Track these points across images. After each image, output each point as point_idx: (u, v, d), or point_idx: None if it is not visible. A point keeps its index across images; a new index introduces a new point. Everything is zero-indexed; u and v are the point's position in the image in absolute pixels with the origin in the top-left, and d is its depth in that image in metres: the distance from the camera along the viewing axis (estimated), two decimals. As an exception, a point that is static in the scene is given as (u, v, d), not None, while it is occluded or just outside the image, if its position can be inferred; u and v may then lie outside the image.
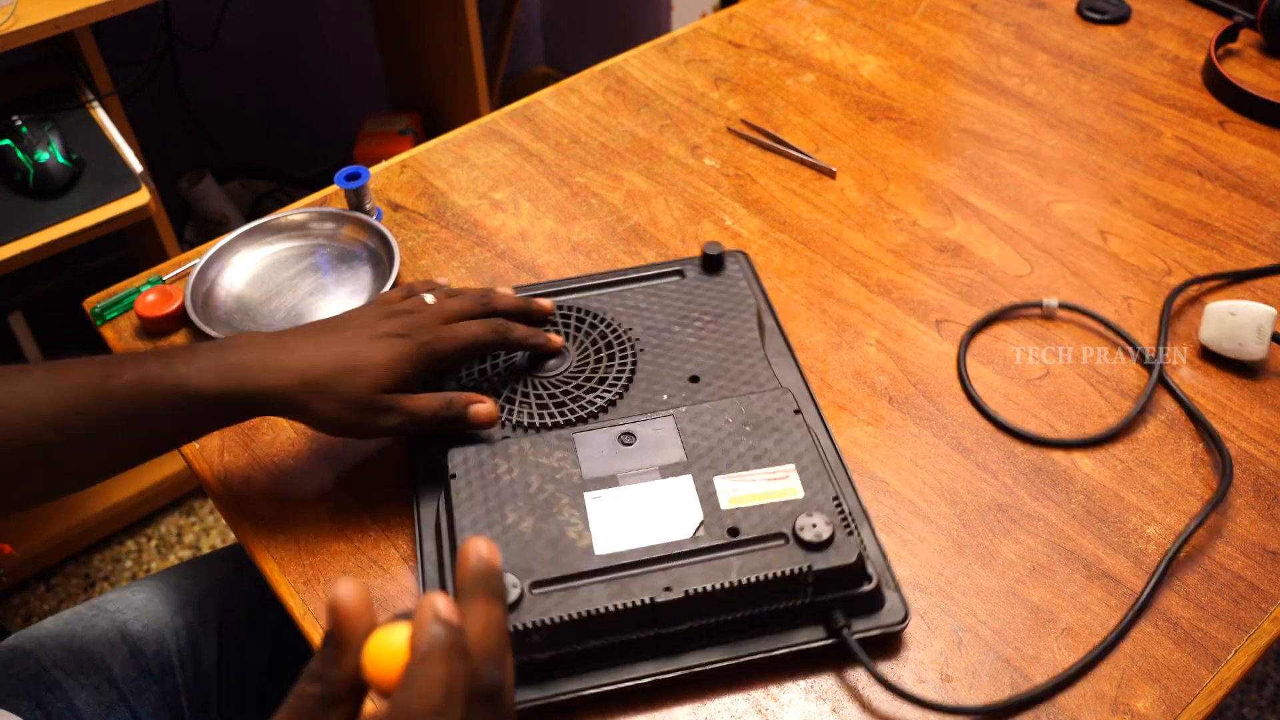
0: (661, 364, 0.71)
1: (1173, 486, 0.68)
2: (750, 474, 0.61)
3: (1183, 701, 0.58)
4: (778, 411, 0.65)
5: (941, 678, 0.59)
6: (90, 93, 1.34)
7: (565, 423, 0.67)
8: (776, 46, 1.09)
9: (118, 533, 1.66)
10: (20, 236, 1.19)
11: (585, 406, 0.68)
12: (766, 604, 0.57)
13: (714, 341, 0.72)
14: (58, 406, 0.58)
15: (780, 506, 0.59)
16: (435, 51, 1.89)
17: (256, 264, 0.84)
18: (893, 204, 0.90)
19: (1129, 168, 0.93)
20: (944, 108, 1.01)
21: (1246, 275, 0.82)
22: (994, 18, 1.12)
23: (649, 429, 0.64)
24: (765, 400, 0.65)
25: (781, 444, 0.63)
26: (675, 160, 0.95)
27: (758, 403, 0.65)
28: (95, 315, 0.81)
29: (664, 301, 0.76)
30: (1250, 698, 1.46)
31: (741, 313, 0.74)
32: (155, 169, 1.54)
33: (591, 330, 0.73)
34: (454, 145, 0.97)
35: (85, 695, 0.71)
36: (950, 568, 0.64)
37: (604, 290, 0.77)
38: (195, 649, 0.77)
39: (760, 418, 0.64)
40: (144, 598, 0.78)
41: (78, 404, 0.59)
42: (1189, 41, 1.08)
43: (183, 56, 1.78)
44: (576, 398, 0.69)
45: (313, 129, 2.11)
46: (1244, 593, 0.62)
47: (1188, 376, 0.75)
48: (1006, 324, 0.79)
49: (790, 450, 0.62)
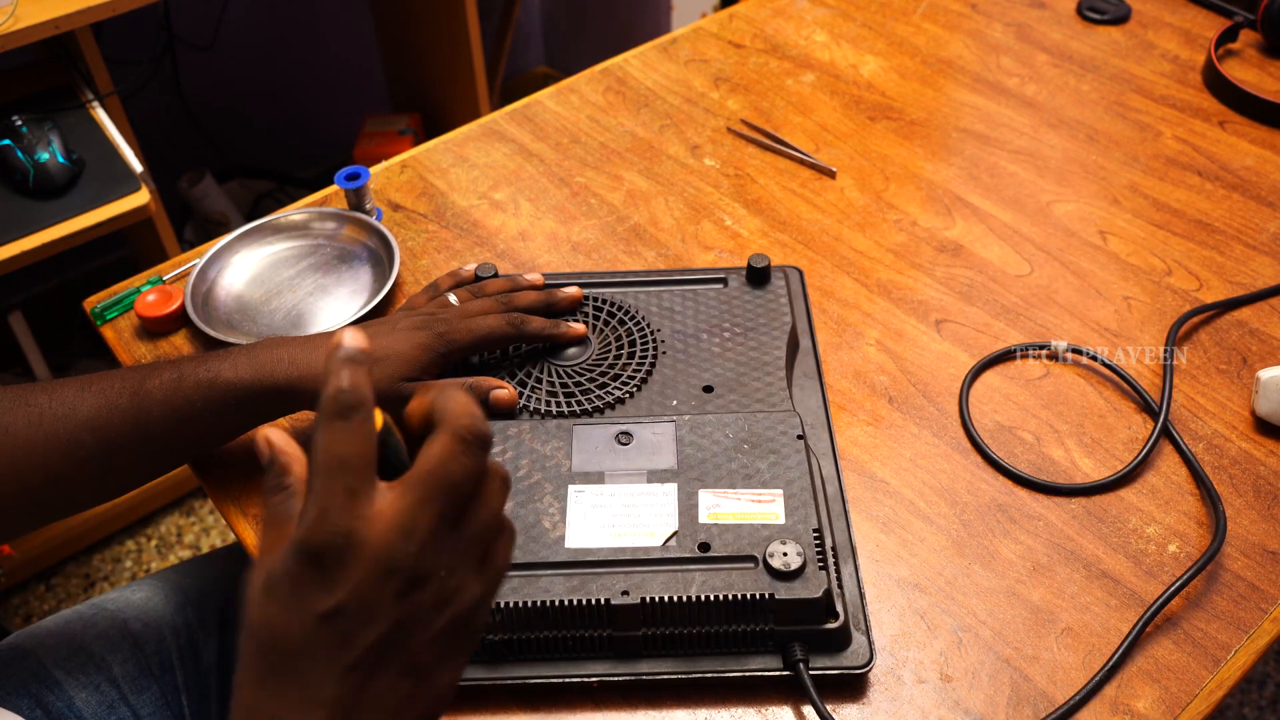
0: (680, 369, 0.71)
1: (1172, 487, 0.68)
2: (736, 492, 0.61)
3: (1183, 701, 0.58)
4: (781, 434, 0.64)
5: (941, 678, 0.59)
6: (90, 93, 1.34)
7: (569, 414, 0.67)
8: (776, 46, 1.09)
9: (118, 533, 1.66)
10: (20, 236, 1.19)
11: (593, 400, 0.68)
12: (725, 624, 0.57)
13: (738, 355, 0.72)
14: (95, 407, 0.61)
15: (758, 529, 0.59)
16: (435, 51, 1.88)
17: (256, 264, 0.84)
18: (893, 204, 0.90)
19: (1129, 168, 0.93)
20: (944, 108, 1.01)
21: (1240, 302, 0.80)
22: (994, 18, 1.12)
23: (648, 432, 0.64)
24: (771, 421, 0.65)
25: (776, 467, 0.62)
26: (675, 160, 0.95)
27: (764, 422, 0.64)
28: (95, 315, 0.81)
29: (699, 307, 0.75)
30: (1250, 698, 1.46)
31: (774, 329, 0.73)
32: (155, 169, 1.54)
33: (619, 325, 0.74)
34: (454, 145, 0.97)
35: (85, 694, 0.71)
36: (950, 568, 0.64)
37: (642, 288, 0.77)
38: (195, 647, 0.77)
39: (761, 438, 0.64)
40: (144, 596, 0.78)
41: (115, 403, 0.61)
42: (1189, 41, 1.08)
43: (183, 56, 1.78)
44: (587, 390, 0.69)
45: (313, 129, 2.11)
46: (1244, 593, 0.62)
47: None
48: (1006, 324, 0.79)
49: (783, 475, 0.61)
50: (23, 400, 0.60)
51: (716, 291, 0.76)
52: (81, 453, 0.60)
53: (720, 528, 0.59)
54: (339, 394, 0.37)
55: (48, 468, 0.60)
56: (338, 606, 0.36)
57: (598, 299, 0.75)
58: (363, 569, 0.36)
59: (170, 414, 0.62)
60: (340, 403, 0.37)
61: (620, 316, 0.74)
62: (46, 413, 0.60)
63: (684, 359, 0.71)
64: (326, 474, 0.36)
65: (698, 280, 0.77)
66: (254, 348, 0.65)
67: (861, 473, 0.69)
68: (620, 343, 0.72)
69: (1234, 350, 0.77)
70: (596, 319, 0.74)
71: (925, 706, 0.57)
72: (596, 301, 0.75)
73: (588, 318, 0.74)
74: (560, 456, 0.63)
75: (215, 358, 0.63)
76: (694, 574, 0.57)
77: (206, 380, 0.62)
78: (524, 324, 0.70)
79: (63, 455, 0.60)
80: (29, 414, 0.60)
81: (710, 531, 0.59)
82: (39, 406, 0.60)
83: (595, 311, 0.75)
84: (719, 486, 0.61)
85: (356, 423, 0.37)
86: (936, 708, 0.57)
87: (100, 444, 0.61)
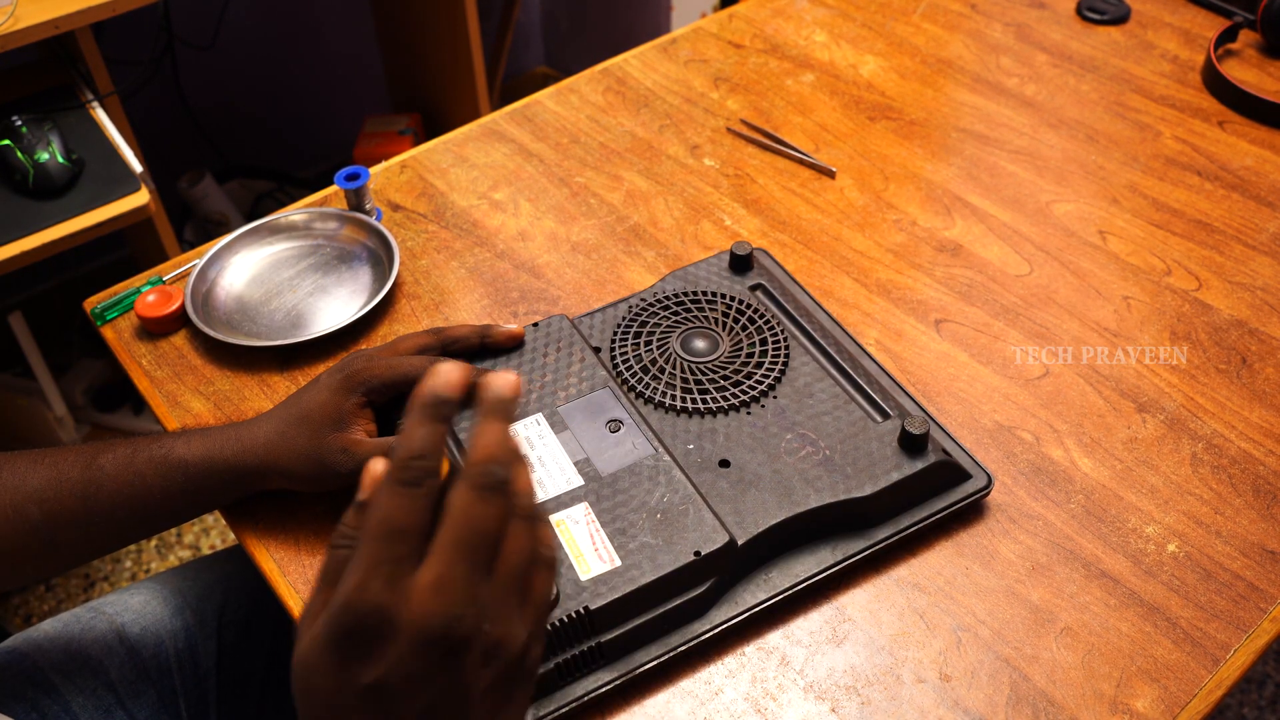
0: (757, 425, 0.66)
1: (1172, 486, 0.68)
2: (599, 533, 0.59)
3: (1182, 701, 0.58)
4: (699, 538, 0.59)
5: (941, 677, 0.59)
6: (90, 93, 1.34)
7: (633, 390, 0.68)
8: (776, 46, 1.09)
9: (118, 533, 1.66)
10: (20, 236, 1.19)
11: (662, 392, 0.68)
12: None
13: (813, 467, 0.64)
14: (45, 479, 0.60)
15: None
16: (435, 51, 1.88)
17: (256, 264, 0.84)
18: (892, 204, 0.90)
19: (1128, 168, 0.93)
20: (943, 108, 1.01)
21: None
22: (994, 18, 1.12)
23: (634, 438, 0.64)
24: (703, 522, 0.60)
25: (642, 550, 0.58)
26: (675, 160, 0.95)
27: (692, 517, 0.60)
28: (95, 315, 0.81)
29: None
30: (1250, 698, 1.46)
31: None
32: (155, 169, 1.54)
33: (765, 343, 0.71)
34: (454, 145, 0.97)
35: (82, 699, 0.71)
36: (950, 567, 0.64)
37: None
38: (193, 651, 0.77)
39: (675, 522, 0.60)
40: (142, 600, 0.78)
41: (65, 476, 0.61)
42: (1189, 42, 1.08)
43: (183, 56, 1.78)
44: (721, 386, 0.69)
45: (313, 129, 2.11)
46: (1243, 593, 0.63)
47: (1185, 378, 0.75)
48: (1006, 324, 0.79)
49: (630, 558, 0.58)
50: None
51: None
52: (26, 525, 0.60)
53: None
54: (411, 460, 0.36)
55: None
56: (379, 681, 0.36)
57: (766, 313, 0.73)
58: (402, 643, 0.36)
59: (120, 490, 0.61)
60: (411, 469, 0.36)
61: (776, 343, 0.72)
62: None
63: (772, 423, 0.67)
64: (376, 539, 0.36)
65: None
66: (211, 428, 0.65)
67: (861, 473, 0.69)
68: (756, 355, 0.71)
69: (1234, 350, 0.77)
70: (745, 322, 0.73)
71: (925, 706, 0.58)
72: (762, 314, 0.73)
73: (746, 321, 0.73)
74: (562, 389, 0.67)
75: (171, 435, 0.63)
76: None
77: (159, 456, 0.62)
78: (443, 331, 0.69)
79: (7, 526, 0.59)
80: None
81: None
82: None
83: (748, 315, 0.73)
84: (600, 519, 0.60)
85: (422, 493, 0.36)
86: (936, 707, 0.57)
87: (46, 517, 0.60)
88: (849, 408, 0.67)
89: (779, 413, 0.67)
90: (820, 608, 0.62)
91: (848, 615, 0.62)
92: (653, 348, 0.71)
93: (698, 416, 0.67)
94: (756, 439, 0.65)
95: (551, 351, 0.70)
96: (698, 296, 0.74)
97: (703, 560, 0.58)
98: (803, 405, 0.67)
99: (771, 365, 0.70)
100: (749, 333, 0.72)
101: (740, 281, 0.76)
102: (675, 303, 0.74)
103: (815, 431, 0.66)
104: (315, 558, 0.65)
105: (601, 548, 0.58)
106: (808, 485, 0.62)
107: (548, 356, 0.70)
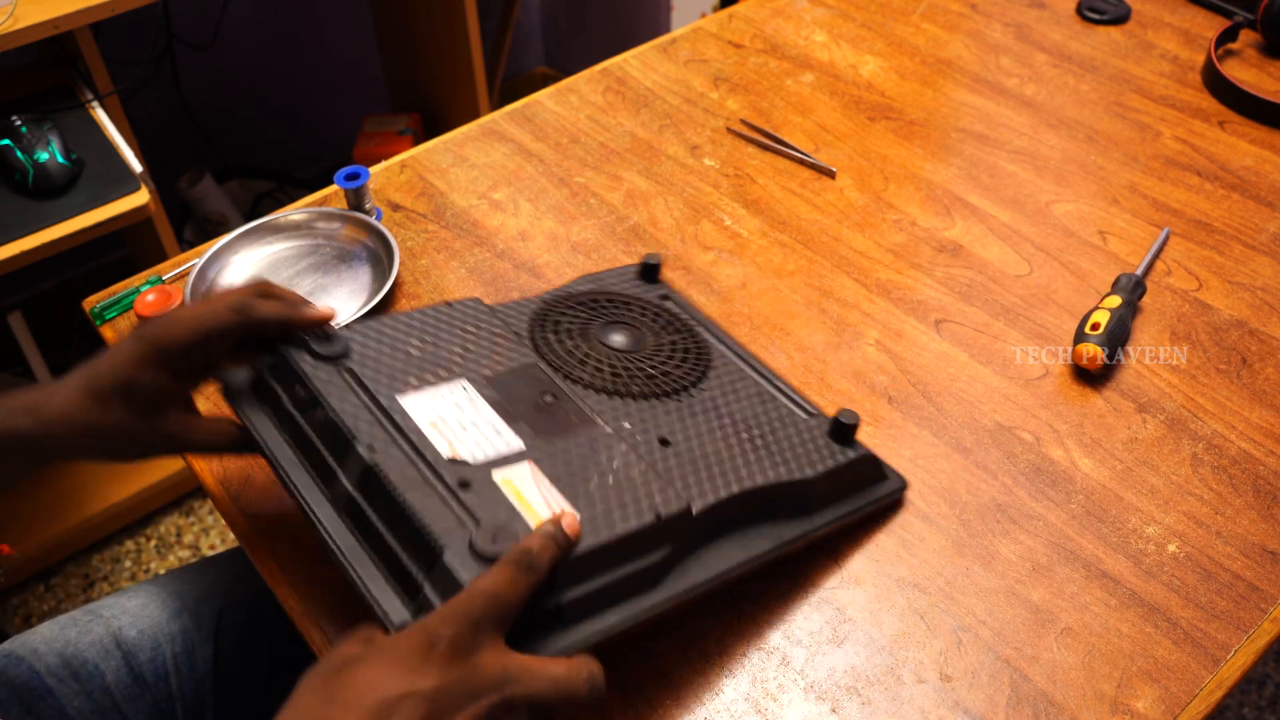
0: (693, 409, 0.66)
1: (1172, 486, 0.68)
2: (550, 490, 0.56)
3: (1182, 701, 0.58)
4: (658, 502, 0.57)
5: (941, 677, 0.59)
6: (90, 93, 1.34)
7: (574, 379, 0.65)
8: (776, 46, 1.09)
9: (117, 533, 1.66)
10: (20, 236, 1.19)
11: (591, 372, 0.65)
12: (388, 541, 0.53)
13: (751, 451, 0.64)
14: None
15: (514, 510, 0.54)
16: (435, 51, 1.88)
17: (256, 264, 0.84)
18: (892, 204, 0.90)
19: (1128, 168, 0.93)
20: (943, 108, 1.01)
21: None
22: (993, 18, 1.12)
23: (571, 410, 0.61)
24: (657, 489, 0.58)
25: (598, 510, 0.55)
26: (675, 160, 0.95)
27: (644, 484, 0.58)
28: (95, 315, 0.81)
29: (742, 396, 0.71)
30: (1250, 698, 1.46)
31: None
32: (155, 169, 1.54)
33: (686, 341, 0.72)
34: (454, 145, 0.97)
35: (78, 703, 0.71)
36: (950, 568, 0.64)
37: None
38: (191, 655, 0.76)
39: (630, 488, 0.57)
40: (140, 603, 0.78)
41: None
42: (1189, 41, 1.08)
43: (182, 56, 1.78)
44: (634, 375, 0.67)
45: (313, 129, 2.11)
46: (1244, 593, 0.62)
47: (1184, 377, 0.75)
48: (1006, 324, 0.79)
49: (585, 515, 0.55)
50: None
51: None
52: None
53: (500, 493, 0.55)
54: (532, 554, 0.46)
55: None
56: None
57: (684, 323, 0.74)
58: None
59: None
60: (531, 559, 0.46)
61: (696, 350, 0.72)
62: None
63: (710, 403, 0.67)
64: (472, 596, 0.44)
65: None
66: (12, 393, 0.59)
67: (861, 473, 0.69)
68: (675, 355, 0.70)
69: (1234, 350, 0.77)
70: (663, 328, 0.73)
71: (925, 706, 0.57)
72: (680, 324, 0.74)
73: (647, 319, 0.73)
74: (492, 357, 0.64)
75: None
76: (421, 486, 0.54)
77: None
78: (250, 309, 0.59)
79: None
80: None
81: (485, 489, 0.54)
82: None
83: (665, 322, 0.73)
84: (540, 478, 0.57)
85: (528, 581, 0.45)
86: (936, 708, 0.57)
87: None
88: (776, 402, 0.68)
89: (709, 403, 0.67)
90: (820, 608, 0.62)
91: (848, 615, 0.62)
92: (575, 336, 0.69)
93: (630, 399, 0.65)
94: (693, 422, 0.64)
95: (470, 328, 0.67)
96: (613, 297, 0.75)
97: (662, 524, 0.55)
98: (731, 398, 0.68)
99: (697, 361, 0.70)
100: (669, 331, 0.73)
101: (650, 290, 0.77)
102: (591, 301, 0.74)
103: (748, 420, 0.66)
104: (315, 557, 0.65)
105: (555, 504, 0.55)
106: (751, 466, 0.62)
107: (467, 331, 0.66)
